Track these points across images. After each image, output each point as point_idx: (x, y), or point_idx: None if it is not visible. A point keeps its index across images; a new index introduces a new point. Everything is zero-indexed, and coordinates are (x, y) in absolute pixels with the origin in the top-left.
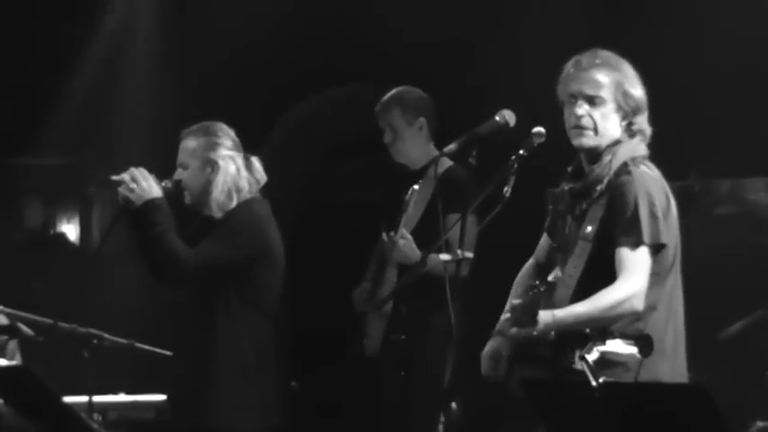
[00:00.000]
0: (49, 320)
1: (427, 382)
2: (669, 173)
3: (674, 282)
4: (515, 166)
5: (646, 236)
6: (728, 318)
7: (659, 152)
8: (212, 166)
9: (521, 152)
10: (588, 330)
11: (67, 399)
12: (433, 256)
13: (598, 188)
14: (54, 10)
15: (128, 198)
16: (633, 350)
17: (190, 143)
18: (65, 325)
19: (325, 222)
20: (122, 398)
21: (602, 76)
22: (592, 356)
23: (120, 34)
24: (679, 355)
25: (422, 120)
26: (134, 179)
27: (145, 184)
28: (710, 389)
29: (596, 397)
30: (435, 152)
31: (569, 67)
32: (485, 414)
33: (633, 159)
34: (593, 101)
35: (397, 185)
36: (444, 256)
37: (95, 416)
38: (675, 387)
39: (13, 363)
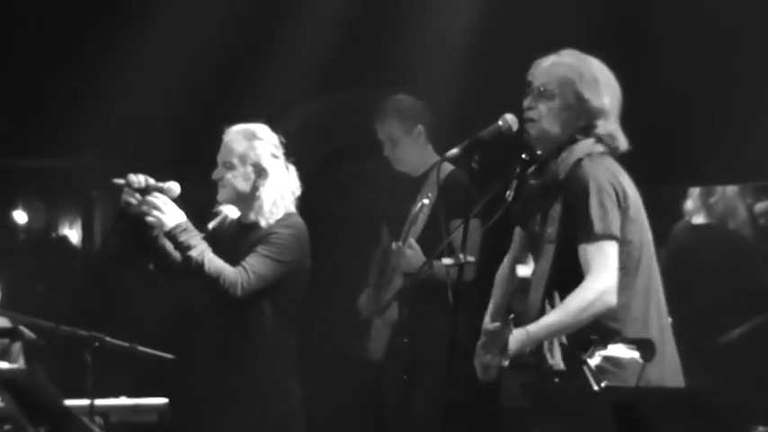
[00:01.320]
0: (50, 323)
1: (429, 385)
2: (664, 177)
3: (648, 281)
4: (517, 169)
5: (597, 227)
6: (729, 323)
7: (649, 157)
8: (260, 172)
9: (523, 156)
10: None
11: (69, 402)
12: (436, 261)
13: (554, 186)
14: (57, 12)
15: (129, 202)
16: (635, 354)
17: (237, 144)
18: (66, 328)
19: (325, 227)
20: (124, 401)
21: (557, 72)
22: (594, 361)
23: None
24: (667, 357)
25: (420, 127)
26: (155, 207)
27: (166, 209)
28: (711, 394)
29: (596, 401)
30: (435, 157)
31: (536, 62)
32: (485, 417)
33: (589, 155)
34: (541, 93)
35: (399, 191)
36: (447, 261)
37: (97, 419)
38: (676, 392)
39: (16, 366)
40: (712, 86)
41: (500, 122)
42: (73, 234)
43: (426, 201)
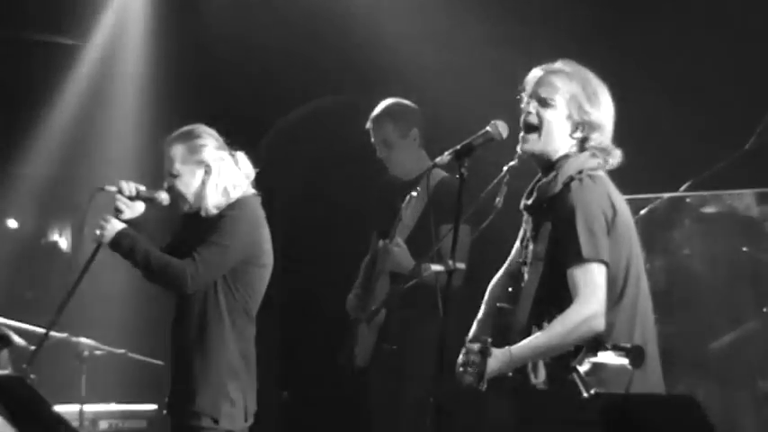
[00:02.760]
0: (41, 329)
1: (416, 393)
2: (660, 185)
3: (635, 297)
4: (507, 176)
5: (584, 251)
6: (719, 330)
7: (650, 165)
8: (203, 167)
9: (512, 163)
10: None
11: (59, 408)
12: (425, 265)
13: (544, 205)
14: (45, 21)
15: (120, 209)
16: (624, 361)
17: (176, 150)
18: (57, 334)
19: (316, 231)
20: (114, 407)
21: (559, 83)
22: (583, 368)
23: (111, 46)
24: (649, 368)
25: (415, 131)
26: (100, 228)
27: (105, 224)
28: (701, 400)
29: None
30: (428, 162)
31: (534, 71)
32: (469, 426)
33: (580, 173)
34: (545, 103)
35: (389, 195)
36: (436, 267)
37: (87, 425)
38: (666, 398)
39: (5, 372)
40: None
41: (489, 128)
42: (63, 241)
43: (414, 193)
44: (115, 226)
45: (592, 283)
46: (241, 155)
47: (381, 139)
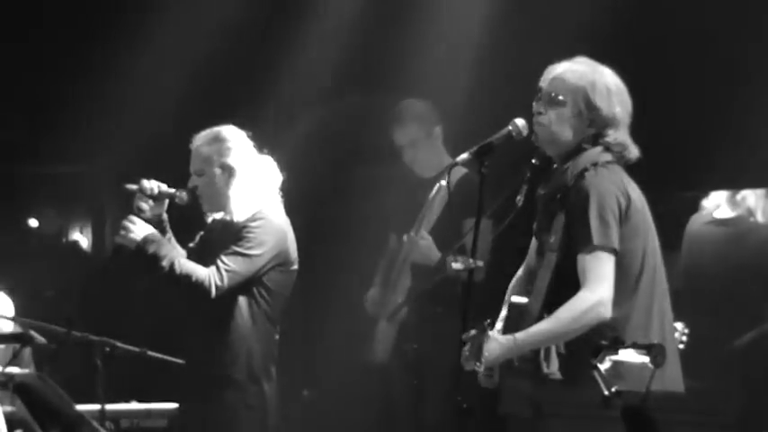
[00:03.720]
0: (62, 329)
1: (441, 389)
2: (675, 184)
3: (651, 289)
4: (528, 175)
5: (595, 238)
6: (739, 328)
7: (662, 163)
8: (229, 171)
9: (533, 161)
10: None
11: (80, 407)
12: (451, 257)
13: (558, 196)
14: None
15: (141, 208)
16: (645, 359)
17: (203, 150)
18: (77, 333)
19: (335, 231)
20: (134, 406)
21: (569, 80)
22: (604, 365)
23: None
24: (667, 365)
25: (438, 128)
26: (124, 229)
27: (134, 228)
28: (720, 399)
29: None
30: (449, 159)
31: (548, 69)
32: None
33: (594, 165)
34: (555, 100)
35: (409, 195)
36: (456, 265)
37: (108, 424)
38: (686, 397)
39: (27, 371)
40: (722, 90)
41: (510, 127)
42: (84, 239)
43: (444, 182)
44: (141, 230)
45: (600, 270)
46: (269, 160)
47: (409, 139)
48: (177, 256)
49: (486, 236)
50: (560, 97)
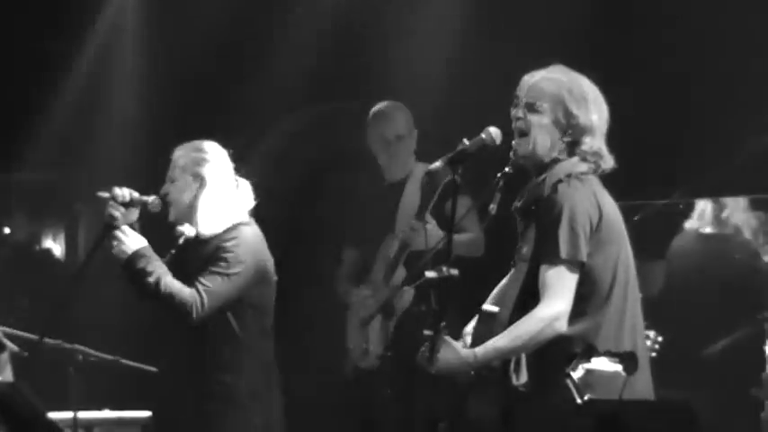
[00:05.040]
0: (34, 336)
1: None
2: (653, 192)
3: (623, 301)
4: (501, 183)
5: (563, 251)
6: (712, 336)
7: (643, 171)
8: (200, 181)
9: (506, 170)
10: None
11: (53, 415)
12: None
13: (533, 208)
14: (39, 26)
15: (113, 216)
16: (618, 368)
17: (181, 159)
18: (50, 341)
19: (311, 236)
20: (107, 414)
21: (547, 88)
22: (577, 374)
23: (106, 50)
24: (637, 374)
25: (415, 131)
26: (115, 238)
27: (125, 238)
28: (694, 406)
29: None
30: (415, 164)
31: (525, 77)
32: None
33: (568, 176)
34: (532, 108)
35: (377, 200)
36: (430, 274)
37: None
38: (660, 404)
39: (2, 378)
40: (702, 98)
41: (483, 135)
42: (56, 247)
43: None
44: (134, 242)
45: (560, 284)
46: (244, 183)
47: (395, 135)
48: (164, 274)
49: (471, 215)
50: (538, 105)
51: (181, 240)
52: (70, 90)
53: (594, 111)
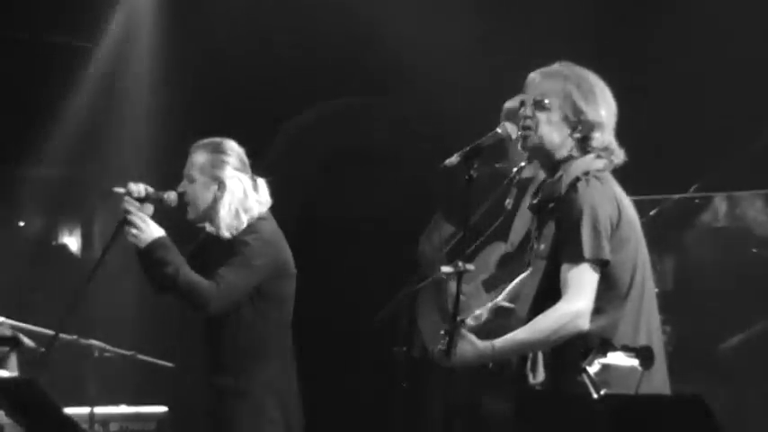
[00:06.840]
0: (50, 332)
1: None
2: (669, 187)
3: (639, 300)
4: (516, 178)
5: (586, 251)
6: (728, 331)
7: (658, 166)
8: (219, 184)
9: (522, 164)
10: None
11: (69, 410)
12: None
13: (550, 206)
14: (55, 22)
15: (129, 211)
16: (634, 362)
17: (198, 157)
18: (67, 336)
19: (326, 233)
20: (124, 409)
21: (552, 85)
22: (593, 369)
23: (122, 47)
24: (653, 369)
25: None
26: (134, 225)
27: (144, 227)
28: (710, 402)
29: (596, 409)
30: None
31: (532, 74)
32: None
33: (585, 174)
34: (540, 105)
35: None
36: (446, 269)
37: (97, 427)
38: (675, 399)
39: (15, 374)
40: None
41: (499, 130)
42: (72, 242)
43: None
44: (153, 231)
45: (582, 282)
46: (261, 182)
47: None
48: (182, 264)
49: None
50: (546, 101)
51: (200, 237)
52: (86, 85)
53: (603, 105)
